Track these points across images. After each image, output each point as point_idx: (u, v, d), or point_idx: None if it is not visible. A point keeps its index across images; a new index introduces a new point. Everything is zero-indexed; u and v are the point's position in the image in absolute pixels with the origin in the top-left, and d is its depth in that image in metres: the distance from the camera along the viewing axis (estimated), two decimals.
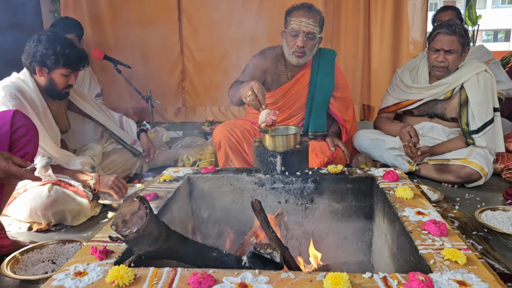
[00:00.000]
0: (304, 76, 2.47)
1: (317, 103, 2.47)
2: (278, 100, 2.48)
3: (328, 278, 0.87)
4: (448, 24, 2.37)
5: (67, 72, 2.05)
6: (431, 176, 2.51)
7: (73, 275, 0.93)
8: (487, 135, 2.39)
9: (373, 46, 3.77)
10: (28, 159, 1.63)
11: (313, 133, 2.53)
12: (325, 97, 2.48)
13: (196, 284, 0.87)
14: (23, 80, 2.04)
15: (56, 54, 1.98)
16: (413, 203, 1.33)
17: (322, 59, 2.49)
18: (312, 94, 2.46)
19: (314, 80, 2.46)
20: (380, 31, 3.70)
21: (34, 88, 2.04)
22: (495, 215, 1.90)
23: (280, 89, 2.46)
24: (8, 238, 1.61)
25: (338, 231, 1.71)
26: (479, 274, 0.91)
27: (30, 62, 2.02)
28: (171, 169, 1.76)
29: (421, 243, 1.06)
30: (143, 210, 1.03)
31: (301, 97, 2.50)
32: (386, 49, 3.71)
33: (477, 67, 2.44)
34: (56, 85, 2.07)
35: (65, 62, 2.01)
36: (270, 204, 1.67)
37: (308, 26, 2.25)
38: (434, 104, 2.59)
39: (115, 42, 3.93)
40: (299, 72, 2.46)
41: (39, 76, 2.05)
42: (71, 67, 2.05)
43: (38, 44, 1.99)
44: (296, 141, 1.71)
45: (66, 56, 2.00)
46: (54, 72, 2.03)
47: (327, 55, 2.52)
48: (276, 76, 2.46)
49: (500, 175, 2.55)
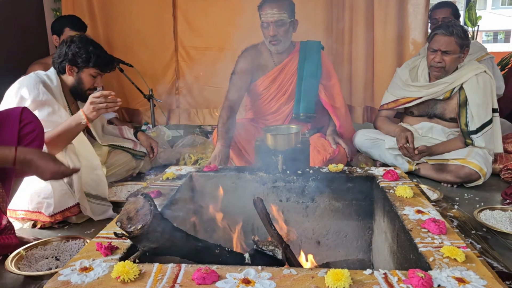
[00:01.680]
0: (291, 62, 2.61)
1: (305, 86, 2.60)
2: (270, 86, 2.62)
3: (329, 274, 0.89)
4: (446, 25, 2.40)
5: (95, 73, 2.15)
6: (431, 176, 2.53)
7: (79, 270, 0.95)
8: (486, 136, 2.42)
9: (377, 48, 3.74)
10: None
11: (304, 113, 2.63)
12: (313, 82, 2.60)
13: (200, 280, 0.89)
14: (48, 76, 2.12)
15: (88, 53, 2.09)
16: (413, 202, 1.35)
17: (309, 48, 2.63)
18: (301, 78, 2.60)
19: (302, 67, 2.60)
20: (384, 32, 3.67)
21: (57, 85, 2.12)
22: (494, 214, 1.92)
23: (268, 75, 2.60)
24: (16, 238, 1.63)
25: (339, 230, 1.73)
26: (477, 272, 0.93)
27: (60, 62, 2.12)
28: (173, 168, 1.78)
29: (421, 241, 1.07)
30: (147, 207, 1.05)
31: (292, 82, 2.63)
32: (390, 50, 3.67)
33: (476, 68, 2.46)
34: (83, 85, 2.16)
35: (95, 62, 2.11)
36: (271, 202, 1.69)
37: (274, 16, 2.41)
38: (434, 104, 2.61)
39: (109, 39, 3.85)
40: (286, 58, 2.60)
41: (68, 75, 2.14)
42: (100, 67, 2.15)
43: (71, 45, 2.10)
44: (297, 140, 1.73)
45: (97, 56, 2.11)
46: (84, 72, 2.13)
47: (313, 45, 2.67)
48: (263, 66, 2.62)
49: (499, 175, 2.57)
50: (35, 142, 1.61)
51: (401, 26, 3.66)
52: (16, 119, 1.58)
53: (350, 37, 3.75)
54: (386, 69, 3.60)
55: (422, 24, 3.57)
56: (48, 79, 2.10)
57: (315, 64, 2.60)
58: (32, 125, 1.62)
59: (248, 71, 2.59)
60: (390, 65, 3.59)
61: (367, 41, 3.70)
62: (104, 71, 2.20)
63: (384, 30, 3.66)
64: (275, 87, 2.61)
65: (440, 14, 3.16)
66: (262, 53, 2.62)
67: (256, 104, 2.69)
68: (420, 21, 3.59)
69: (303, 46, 2.63)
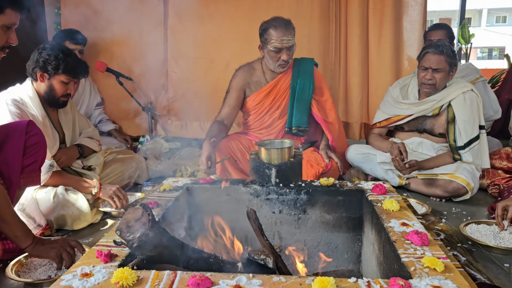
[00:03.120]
0: (285, 78, 2.68)
1: (298, 101, 2.66)
2: (263, 101, 2.68)
3: (316, 282, 0.95)
4: (436, 45, 2.50)
5: (66, 80, 2.15)
6: (420, 190, 2.61)
7: (80, 276, 1.00)
8: (473, 151, 2.50)
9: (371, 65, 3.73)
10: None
11: (296, 127, 2.68)
12: (305, 96, 2.67)
13: (195, 286, 0.94)
14: (25, 88, 2.15)
15: (57, 60, 2.10)
16: (398, 215, 1.42)
17: (302, 64, 2.72)
18: (294, 94, 2.67)
19: (295, 82, 2.68)
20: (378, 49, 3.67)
21: (34, 96, 2.14)
22: (479, 228, 1.99)
23: (261, 91, 2.68)
24: None
25: (329, 241, 1.79)
26: (455, 281, 0.99)
27: (33, 69, 2.13)
28: (170, 179, 1.84)
29: (404, 252, 1.14)
30: (145, 217, 1.11)
31: (285, 97, 2.69)
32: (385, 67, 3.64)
33: (464, 86, 2.56)
34: (55, 92, 2.16)
35: (65, 68, 2.11)
36: (264, 214, 1.75)
37: (289, 42, 2.48)
38: (423, 120, 2.70)
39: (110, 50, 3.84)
40: (279, 75, 2.67)
41: (40, 82, 2.15)
42: (70, 74, 2.15)
43: (42, 51, 2.11)
44: (290, 154, 1.79)
45: (66, 62, 2.11)
46: (55, 78, 2.13)
47: (307, 61, 2.75)
48: (256, 83, 2.70)
49: (486, 190, 2.65)
50: (39, 153, 1.70)
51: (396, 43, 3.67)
52: (22, 131, 1.65)
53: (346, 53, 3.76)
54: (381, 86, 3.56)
55: (419, 42, 3.58)
56: (24, 91, 2.13)
57: (308, 80, 2.68)
58: (37, 137, 1.70)
59: (241, 89, 2.68)
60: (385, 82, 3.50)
61: (362, 57, 3.71)
62: (76, 78, 2.20)
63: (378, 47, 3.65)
64: (268, 102, 2.68)
65: (436, 35, 3.20)
66: (255, 70, 2.70)
67: (250, 118, 2.76)
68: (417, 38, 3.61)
69: (297, 62, 2.72)
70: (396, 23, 3.62)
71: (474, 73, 3.39)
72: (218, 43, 3.67)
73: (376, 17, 3.63)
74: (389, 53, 3.66)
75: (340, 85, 3.80)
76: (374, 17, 3.64)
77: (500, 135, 3.79)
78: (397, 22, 3.63)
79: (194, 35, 3.72)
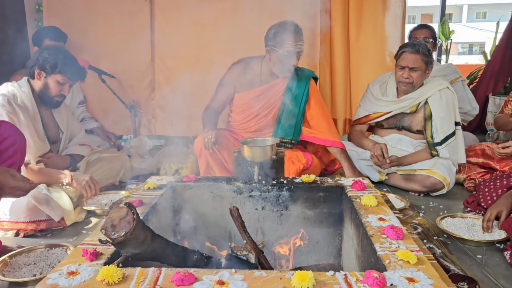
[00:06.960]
0: (279, 85, 2.61)
1: (287, 110, 2.59)
2: (251, 102, 2.61)
3: (295, 276, 0.99)
4: (412, 44, 2.57)
5: (62, 80, 2.21)
6: (399, 185, 2.69)
7: (67, 274, 1.03)
8: (450, 147, 2.58)
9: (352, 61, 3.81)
10: (15, 168, 1.72)
11: (281, 138, 2.61)
12: (296, 106, 2.60)
13: (179, 282, 0.98)
14: (20, 84, 2.19)
15: (56, 60, 2.16)
16: (376, 210, 1.47)
17: (300, 74, 2.65)
18: (284, 104, 2.60)
19: (288, 92, 2.60)
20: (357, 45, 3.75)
21: (28, 92, 2.18)
22: (454, 221, 2.07)
23: (252, 92, 2.61)
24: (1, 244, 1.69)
25: (311, 236, 1.83)
26: (426, 272, 1.04)
27: (32, 66, 2.20)
28: (154, 177, 1.86)
29: (380, 246, 1.19)
30: (130, 215, 1.14)
31: (275, 106, 2.63)
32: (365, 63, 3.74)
33: (440, 84, 2.64)
34: (49, 90, 2.22)
35: (62, 69, 2.18)
36: (247, 211, 1.79)
37: (301, 47, 2.45)
38: (402, 117, 2.78)
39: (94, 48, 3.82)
40: (274, 80, 2.61)
41: (36, 80, 2.21)
42: (67, 75, 2.21)
43: (44, 51, 2.19)
44: (273, 152, 1.83)
45: (64, 64, 2.18)
46: (51, 77, 2.20)
47: (305, 71, 2.70)
48: (249, 81, 2.62)
49: (462, 184, 2.74)
50: (15, 156, 1.67)
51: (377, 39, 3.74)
52: None
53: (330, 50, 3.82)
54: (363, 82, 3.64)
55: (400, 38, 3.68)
56: (18, 87, 2.17)
57: (302, 92, 2.61)
58: (11, 139, 1.67)
59: (232, 85, 2.63)
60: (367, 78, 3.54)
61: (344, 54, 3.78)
62: (72, 80, 2.25)
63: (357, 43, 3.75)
64: (258, 107, 2.61)
65: (421, 34, 3.32)
66: (252, 68, 2.62)
67: (236, 119, 2.71)
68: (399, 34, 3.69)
69: (295, 71, 2.61)
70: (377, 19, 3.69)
71: (454, 73, 3.54)
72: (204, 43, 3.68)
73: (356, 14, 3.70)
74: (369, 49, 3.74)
75: (326, 82, 3.86)
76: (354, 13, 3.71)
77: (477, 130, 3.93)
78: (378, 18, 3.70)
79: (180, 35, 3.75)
